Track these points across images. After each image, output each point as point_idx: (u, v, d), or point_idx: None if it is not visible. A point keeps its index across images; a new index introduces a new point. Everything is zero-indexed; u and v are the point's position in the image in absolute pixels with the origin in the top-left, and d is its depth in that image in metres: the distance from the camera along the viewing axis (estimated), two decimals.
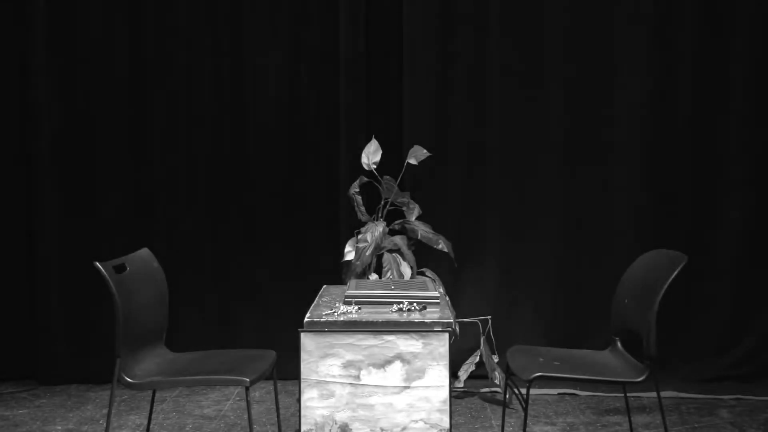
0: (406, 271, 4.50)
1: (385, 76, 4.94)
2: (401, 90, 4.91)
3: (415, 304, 3.32)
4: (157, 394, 4.36)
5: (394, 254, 4.53)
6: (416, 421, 3.11)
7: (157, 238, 4.85)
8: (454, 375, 4.59)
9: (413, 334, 3.12)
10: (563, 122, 4.93)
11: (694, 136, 4.90)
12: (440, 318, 3.19)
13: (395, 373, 3.12)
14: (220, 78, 4.96)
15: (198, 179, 4.99)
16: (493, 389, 4.67)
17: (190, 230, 4.97)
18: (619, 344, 3.55)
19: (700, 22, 4.86)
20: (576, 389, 4.74)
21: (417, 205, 4.62)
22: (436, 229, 4.58)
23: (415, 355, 3.12)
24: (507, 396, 4.30)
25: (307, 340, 3.13)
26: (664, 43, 4.88)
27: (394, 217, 4.67)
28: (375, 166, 4.52)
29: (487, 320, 4.73)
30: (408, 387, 3.12)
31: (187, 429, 4.18)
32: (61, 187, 4.90)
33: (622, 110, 4.92)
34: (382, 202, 4.60)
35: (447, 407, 3.11)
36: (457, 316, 4.46)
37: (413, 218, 4.60)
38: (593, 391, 4.71)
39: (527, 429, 3.96)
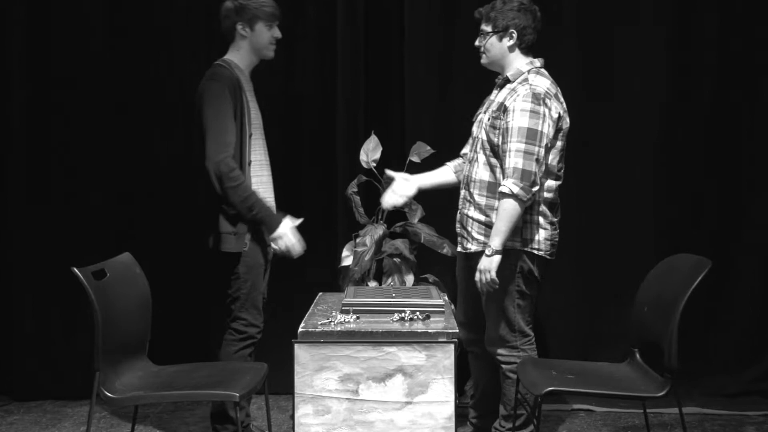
0: (408, 277, 4.50)
1: (386, 68, 4.94)
2: (402, 82, 4.91)
3: (417, 313, 3.32)
4: (140, 410, 4.36)
5: (395, 259, 4.53)
6: None
7: (139, 241, 4.85)
8: (460, 390, 4.59)
9: (416, 346, 3.12)
10: (574, 118, 4.93)
11: (717, 134, 4.90)
12: (445, 328, 3.19)
13: (396, 387, 3.12)
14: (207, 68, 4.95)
15: (182, 178, 4.98)
16: None
17: (174, 233, 4.97)
18: (638, 356, 3.55)
19: (721, 16, 4.87)
20: (591, 405, 4.74)
21: (420, 206, 4.62)
22: (441, 232, 4.58)
23: (417, 368, 3.12)
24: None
25: (301, 352, 3.13)
26: (683, 38, 4.89)
27: (395, 219, 4.67)
28: (375, 164, 4.52)
29: None
30: (410, 402, 3.12)
31: None
32: (36, 187, 4.90)
33: (639, 106, 4.92)
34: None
35: (452, 424, 3.11)
36: None
37: (416, 220, 4.60)
38: (610, 407, 4.71)
39: None
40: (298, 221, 3.93)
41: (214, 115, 3.74)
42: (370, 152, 4.55)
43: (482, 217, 3.75)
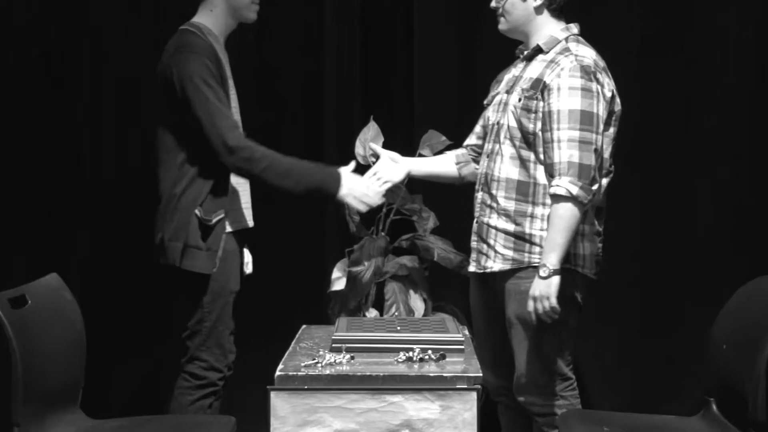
0: (418, 305, 4.50)
1: (389, 33, 4.96)
2: (411, 52, 4.92)
3: (430, 352, 3.32)
4: None
5: (400, 282, 4.54)
6: None
7: (70, 259, 4.85)
8: None
9: (427, 394, 3.12)
10: (632, 97, 4.92)
11: None
12: (465, 371, 3.18)
13: None
14: (150, 38, 4.96)
15: (125, 176, 4.98)
16: None
17: (116, 248, 4.97)
18: (714, 407, 3.54)
19: None
20: None
21: (432, 214, 4.62)
22: (460, 246, 4.57)
23: (429, 423, 3.11)
24: None
25: (279, 402, 3.13)
26: None
27: (400, 229, 4.68)
28: (374, 159, 4.53)
29: None
30: None
31: None
32: None
33: (718, 83, 4.92)
34: (384, 210, 4.59)
35: None
36: None
37: (427, 232, 4.60)
38: None
39: None
40: (352, 165, 3.97)
41: (205, 95, 3.74)
42: (369, 143, 4.55)
43: (510, 227, 3.74)
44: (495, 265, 3.77)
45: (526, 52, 3.83)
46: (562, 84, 3.64)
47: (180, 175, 3.80)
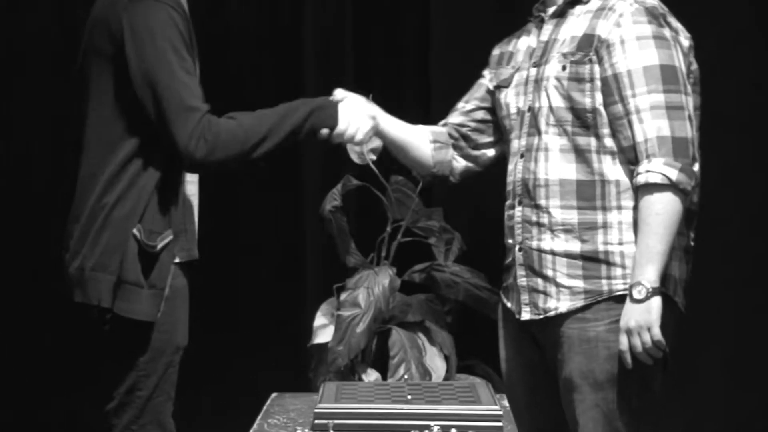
0: (437, 364, 4.52)
1: None
2: (427, 8, 4.98)
3: (454, 431, 3.33)
4: None
5: (411, 331, 4.55)
6: None
7: None
8: None
9: None
10: (728, 65, 4.99)
11: None
12: None
13: None
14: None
15: (35, 186, 5.02)
16: None
17: (22, 289, 5.01)
18: None
19: None
20: None
21: (457, 234, 4.64)
22: (497, 280, 4.58)
23: None
24: None
25: None
26: None
27: (412, 257, 4.71)
28: (374, 157, 4.54)
29: None
30: None
31: None
32: None
33: None
34: (389, 228, 4.62)
35: None
36: None
37: (450, 260, 4.62)
38: None
39: None
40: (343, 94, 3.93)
41: (166, 58, 3.69)
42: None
43: (575, 246, 3.67)
44: (561, 304, 3.69)
45: (552, 9, 3.82)
46: (626, 35, 3.61)
47: (116, 177, 3.75)
